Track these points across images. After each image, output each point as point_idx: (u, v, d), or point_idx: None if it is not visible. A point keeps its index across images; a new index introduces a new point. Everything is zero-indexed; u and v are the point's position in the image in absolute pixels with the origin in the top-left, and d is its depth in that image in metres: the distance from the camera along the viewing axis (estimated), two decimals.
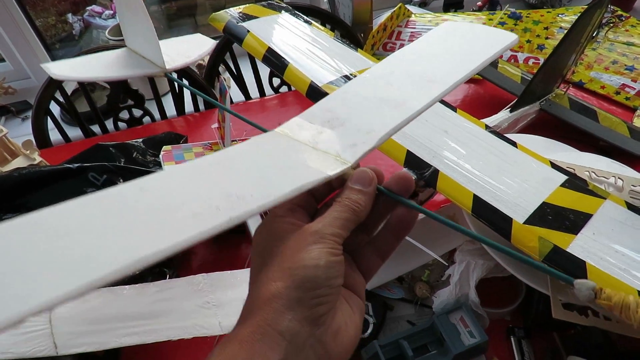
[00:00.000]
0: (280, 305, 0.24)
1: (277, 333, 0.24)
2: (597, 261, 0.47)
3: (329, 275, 0.25)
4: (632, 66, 0.94)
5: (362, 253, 0.32)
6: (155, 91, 1.08)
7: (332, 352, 0.26)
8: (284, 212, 0.29)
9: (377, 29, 1.08)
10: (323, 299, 0.25)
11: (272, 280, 0.26)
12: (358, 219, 0.28)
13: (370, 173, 0.30)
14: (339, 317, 0.27)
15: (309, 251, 0.25)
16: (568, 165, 0.65)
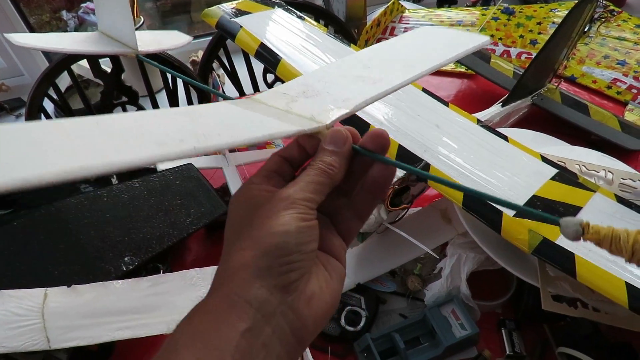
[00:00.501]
0: (248, 274, 0.24)
1: (244, 302, 0.24)
2: (585, 253, 0.47)
3: (299, 241, 0.25)
4: (623, 61, 0.94)
5: (341, 216, 0.31)
6: (149, 88, 1.08)
7: (306, 318, 0.25)
8: (259, 179, 0.29)
9: (371, 25, 1.08)
10: (294, 265, 0.25)
11: (241, 249, 0.25)
12: (333, 182, 0.27)
13: (345, 132, 0.28)
14: (313, 283, 0.26)
15: (279, 217, 0.25)
16: (559, 158, 0.65)
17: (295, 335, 0.25)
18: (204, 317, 0.24)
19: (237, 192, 0.29)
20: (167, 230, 0.64)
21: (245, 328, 0.23)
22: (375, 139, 0.28)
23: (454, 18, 1.14)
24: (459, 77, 1.01)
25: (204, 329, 0.23)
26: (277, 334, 0.24)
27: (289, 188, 0.26)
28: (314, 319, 0.26)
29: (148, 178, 0.69)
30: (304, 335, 0.25)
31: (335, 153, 0.28)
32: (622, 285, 0.45)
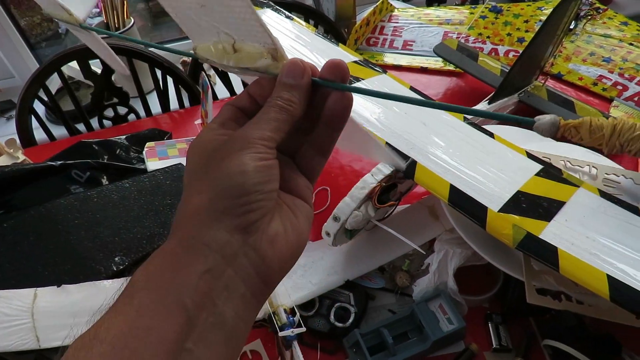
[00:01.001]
0: (205, 217, 0.24)
1: (202, 244, 0.23)
2: (568, 247, 0.48)
3: (257, 181, 0.24)
4: (609, 58, 0.95)
5: (302, 154, 0.30)
6: (140, 89, 1.08)
7: (270, 259, 0.25)
8: (216, 125, 0.28)
9: (360, 24, 1.08)
10: (253, 206, 0.24)
11: (198, 192, 0.24)
12: (292, 118, 0.26)
13: (302, 63, 0.27)
14: (276, 223, 0.26)
15: (235, 158, 0.24)
16: (544, 154, 0.66)
17: (260, 275, 0.25)
18: (161, 260, 0.23)
19: (194, 139, 0.28)
20: (157, 230, 0.65)
21: (204, 270, 0.23)
22: (334, 69, 0.27)
23: (442, 17, 1.15)
24: (447, 75, 1.02)
25: (161, 272, 0.23)
26: (240, 275, 0.24)
27: (246, 128, 0.26)
28: (279, 259, 0.25)
29: (138, 178, 0.70)
30: (270, 275, 0.25)
31: (293, 87, 0.27)
32: (604, 278, 0.46)
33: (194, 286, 0.22)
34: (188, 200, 0.25)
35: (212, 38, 0.29)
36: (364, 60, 0.76)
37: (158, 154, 0.75)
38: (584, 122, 0.22)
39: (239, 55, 0.28)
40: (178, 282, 0.22)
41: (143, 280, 0.23)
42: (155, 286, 0.22)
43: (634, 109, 0.87)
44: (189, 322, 0.22)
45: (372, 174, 0.58)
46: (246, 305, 0.24)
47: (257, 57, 0.27)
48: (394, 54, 1.09)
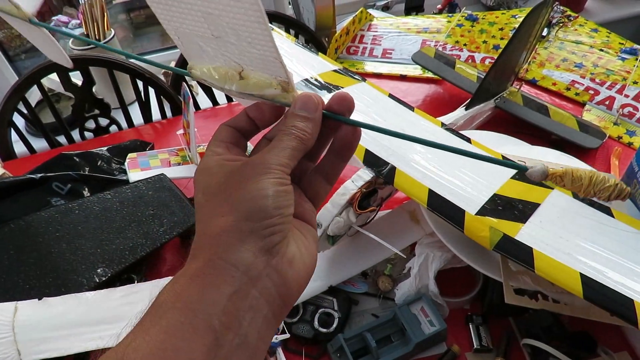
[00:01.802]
0: (231, 238, 0.24)
1: (230, 265, 0.24)
2: (543, 247, 0.50)
3: (278, 205, 0.25)
4: (580, 63, 0.98)
5: (309, 180, 0.31)
6: (121, 100, 1.08)
7: (290, 280, 0.26)
8: (221, 150, 0.29)
9: (340, 33, 1.10)
10: (275, 228, 0.25)
11: (220, 215, 0.25)
12: (306, 147, 0.28)
13: (316, 97, 0.28)
14: (292, 246, 0.27)
15: (256, 182, 0.25)
16: (519, 158, 0.68)
17: (281, 296, 0.25)
18: (188, 281, 0.24)
19: (202, 163, 0.29)
20: (140, 240, 0.65)
21: (232, 291, 0.23)
22: (341, 102, 0.29)
23: (420, 25, 1.17)
24: (426, 82, 1.04)
25: (189, 293, 0.23)
26: (264, 296, 0.24)
27: (264, 154, 0.27)
28: (297, 280, 0.26)
29: (120, 189, 0.70)
30: (289, 296, 0.26)
31: (307, 119, 0.28)
32: (577, 277, 0.47)
33: (222, 307, 0.23)
34: (210, 222, 0.25)
35: (216, 63, 0.29)
36: (343, 69, 0.77)
37: (140, 164, 0.75)
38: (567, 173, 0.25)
39: (245, 82, 0.28)
40: (207, 303, 0.23)
41: (171, 300, 0.23)
42: (184, 306, 0.23)
43: (605, 112, 0.90)
44: (216, 343, 0.22)
45: (352, 180, 0.59)
46: (268, 326, 0.25)
47: (264, 85, 0.28)
48: (374, 62, 1.11)
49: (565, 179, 0.26)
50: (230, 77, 0.28)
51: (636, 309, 0.44)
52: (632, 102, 0.89)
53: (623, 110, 0.88)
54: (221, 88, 0.29)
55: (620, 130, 0.86)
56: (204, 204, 0.27)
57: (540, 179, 0.26)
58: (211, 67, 0.28)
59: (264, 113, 0.30)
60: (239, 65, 0.28)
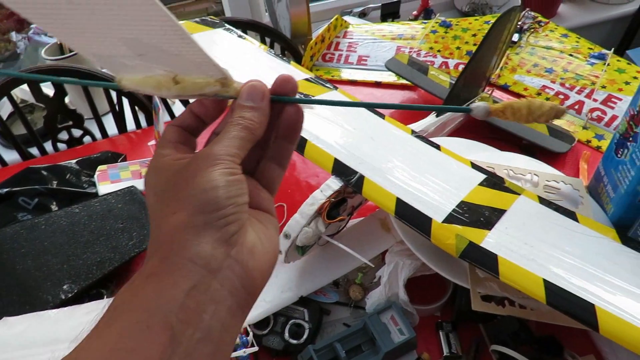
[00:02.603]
0: (186, 234, 0.24)
1: (186, 260, 0.23)
2: (507, 253, 0.50)
3: (230, 194, 0.25)
4: (551, 68, 1.00)
5: (261, 169, 0.31)
6: (95, 110, 1.07)
7: (252, 269, 0.26)
8: (168, 151, 0.28)
9: (316, 41, 1.10)
10: (230, 218, 0.25)
11: (172, 212, 0.25)
12: (254, 136, 0.28)
13: (261, 86, 0.28)
14: (252, 235, 0.26)
15: (205, 175, 0.25)
16: (489, 164, 0.68)
17: (244, 286, 0.25)
18: (143, 281, 0.23)
19: (150, 165, 0.28)
20: (108, 255, 0.64)
21: (191, 286, 0.23)
22: (284, 84, 0.29)
23: (395, 32, 1.18)
24: (400, 89, 1.04)
25: (145, 293, 0.23)
26: (226, 287, 0.24)
27: (212, 146, 0.26)
28: (260, 269, 0.26)
29: (89, 203, 0.69)
30: (253, 286, 0.26)
31: (254, 108, 0.28)
32: (541, 282, 0.47)
33: (179, 303, 0.22)
34: (163, 222, 0.25)
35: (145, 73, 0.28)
36: (315, 77, 0.77)
37: (110, 177, 0.74)
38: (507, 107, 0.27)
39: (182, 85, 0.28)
40: (163, 301, 0.22)
41: (126, 302, 0.23)
42: (139, 307, 0.22)
43: (574, 116, 0.92)
44: (173, 340, 0.22)
45: (321, 190, 0.59)
46: (232, 317, 0.25)
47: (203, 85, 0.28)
48: (350, 69, 1.11)
49: (506, 112, 0.28)
50: (165, 83, 0.27)
51: (597, 313, 0.45)
52: (601, 106, 0.91)
53: (592, 114, 0.90)
54: (159, 95, 0.29)
55: (589, 134, 0.88)
56: (155, 205, 0.27)
57: (485, 116, 0.28)
58: (142, 77, 0.28)
59: (207, 108, 0.30)
60: (170, 72, 0.27)
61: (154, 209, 0.27)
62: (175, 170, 0.27)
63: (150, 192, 0.27)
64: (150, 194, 0.27)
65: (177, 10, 1.76)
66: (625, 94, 0.91)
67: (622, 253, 0.55)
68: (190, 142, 0.30)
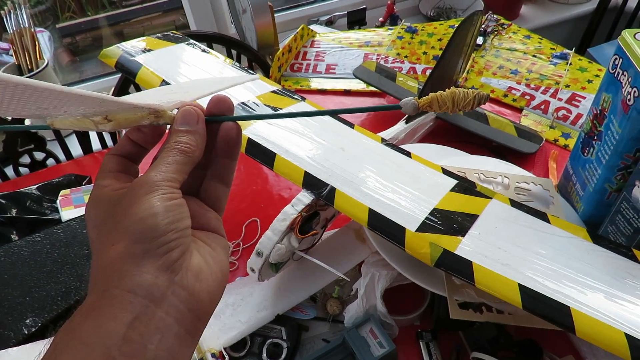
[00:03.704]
0: (125, 264, 0.23)
1: (126, 292, 0.23)
2: (481, 259, 0.50)
3: (170, 220, 0.25)
4: (516, 70, 1.01)
5: (205, 188, 0.31)
6: (57, 132, 1.03)
7: (199, 293, 0.25)
8: (108, 182, 0.28)
9: (282, 51, 1.09)
10: (172, 244, 0.24)
11: (111, 244, 0.24)
12: (192, 159, 0.28)
13: (195, 109, 0.29)
14: (196, 258, 0.26)
15: (143, 202, 0.24)
16: (459, 169, 0.68)
17: (192, 311, 0.25)
18: (84, 317, 0.23)
19: (90, 198, 0.28)
20: (73, 284, 0.61)
21: (132, 318, 0.22)
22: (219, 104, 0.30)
23: (362, 39, 1.18)
24: (370, 96, 1.04)
25: (85, 329, 0.22)
26: (171, 314, 0.24)
27: (148, 173, 0.26)
28: (208, 292, 0.26)
29: (51, 230, 0.66)
30: (202, 309, 0.25)
31: (189, 132, 0.28)
32: (516, 287, 0.47)
33: (121, 336, 0.22)
34: (101, 254, 0.25)
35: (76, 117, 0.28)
36: (282, 89, 0.76)
37: (73, 201, 0.71)
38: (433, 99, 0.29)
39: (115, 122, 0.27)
40: (103, 335, 0.22)
41: (66, 339, 0.22)
42: (79, 343, 0.22)
43: (541, 116, 0.93)
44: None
45: (292, 205, 0.58)
46: (181, 344, 0.24)
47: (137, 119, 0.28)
48: (318, 79, 1.11)
49: (433, 106, 0.29)
50: (98, 122, 0.27)
51: (572, 315, 0.45)
52: (566, 105, 0.92)
53: (558, 113, 0.91)
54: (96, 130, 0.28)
55: (556, 133, 0.89)
56: (95, 238, 0.27)
57: (414, 111, 0.29)
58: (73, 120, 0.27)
59: (145, 134, 0.29)
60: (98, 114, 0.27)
61: (95, 242, 0.26)
62: (114, 201, 0.26)
63: (91, 225, 0.27)
64: (90, 227, 0.27)
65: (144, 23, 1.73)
66: (588, 92, 0.93)
67: (593, 252, 0.55)
68: (131, 170, 0.30)
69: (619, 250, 0.55)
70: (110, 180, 0.28)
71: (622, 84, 0.57)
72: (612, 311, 0.46)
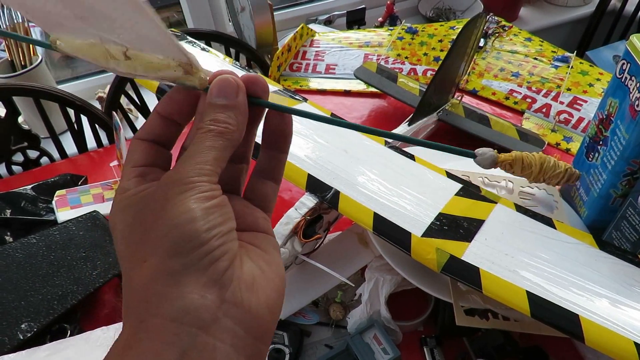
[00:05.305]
0: (162, 285, 0.19)
1: (168, 321, 0.19)
2: (489, 266, 0.49)
3: (212, 224, 0.20)
4: (517, 72, 1.01)
5: (251, 185, 0.27)
6: (52, 129, 1.01)
7: (256, 309, 0.21)
8: (133, 183, 0.23)
9: (282, 50, 1.08)
10: (216, 253, 0.20)
11: (142, 260, 0.20)
12: (233, 143, 0.22)
13: (234, 78, 0.23)
14: (248, 266, 0.21)
15: (177, 205, 0.20)
16: (463, 173, 0.68)
17: (251, 332, 0.20)
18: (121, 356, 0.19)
19: (113, 205, 0.23)
20: (70, 287, 0.59)
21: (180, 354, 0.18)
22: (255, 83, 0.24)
23: (362, 39, 1.17)
24: (370, 97, 1.03)
25: None
26: (227, 341, 0.19)
27: (179, 167, 0.21)
28: (267, 305, 0.21)
29: (47, 232, 0.64)
30: (262, 327, 0.21)
31: (228, 107, 0.22)
32: (524, 294, 0.47)
33: None
34: (133, 274, 0.20)
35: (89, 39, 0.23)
36: (283, 89, 0.75)
37: (70, 202, 0.70)
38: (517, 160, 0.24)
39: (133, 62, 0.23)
40: None
41: None
42: None
43: (542, 119, 0.93)
44: None
45: (295, 208, 0.57)
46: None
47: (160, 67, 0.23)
48: (318, 79, 1.10)
49: (515, 166, 0.25)
50: (113, 55, 0.22)
51: (581, 323, 0.44)
52: (567, 108, 0.92)
53: (559, 117, 0.91)
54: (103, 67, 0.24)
55: (558, 137, 0.89)
56: (124, 253, 0.22)
57: (490, 166, 0.26)
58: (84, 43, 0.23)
59: (179, 103, 0.24)
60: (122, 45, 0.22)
61: (123, 259, 0.22)
62: (140, 205, 0.22)
63: (118, 237, 0.22)
64: (118, 240, 0.22)
65: None
66: (589, 96, 0.93)
67: (599, 259, 0.55)
68: (162, 158, 0.25)
69: (625, 257, 0.55)
70: (136, 178, 0.23)
71: (629, 89, 0.56)
72: (620, 319, 0.46)
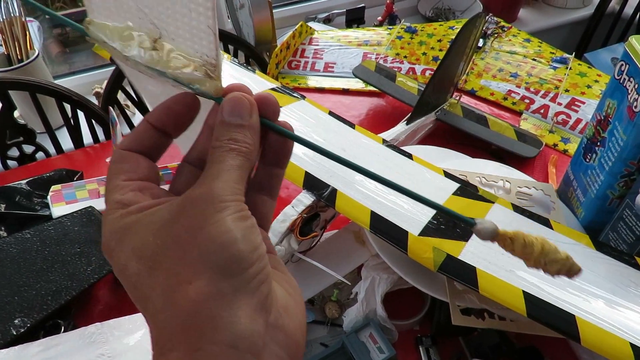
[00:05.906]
0: (215, 308, 0.18)
1: (226, 347, 0.18)
2: (486, 265, 0.49)
3: (253, 245, 0.20)
4: (515, 73, 1.01)
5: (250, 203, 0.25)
6: (48, 124, 1.01)
7: (293, 332, 0.20)
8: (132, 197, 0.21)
9: (280, 48, 1.08)
10: (261, 276, 0.19)
11: (186, 281, 0.19)
12: (251, 163, 0.22)
13: (248, 98, 0.22)
14: (279, 290, 0.21)
15: (217, 225, 0.19)
16: (460, 172, 0.68)
17: (292, 356, 0.20)
18: None
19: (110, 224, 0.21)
20: (64, 283, 0.59)
21: None
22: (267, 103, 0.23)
23: (361, 38, 1.17)
24: (369, 95, 1.03)
25: None
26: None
27: (211, 184, 0.20)
28: (301, 328, 0.21)
29: (42, 227, 0.64)
30: (298, 349, 0.21)
31: (243, 127, 0.22)
32: (520, 294, 0.47)
33: None
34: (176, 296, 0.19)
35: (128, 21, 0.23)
36: (282, 87, 0.75)
37: (65, 197, 0.69)
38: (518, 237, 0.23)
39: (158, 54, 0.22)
40: None
41: None
42: None
43: (540, 120, 0.93)
44: None
45: (292, 206, 0.56)
46: None
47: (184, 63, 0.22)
48: (316, 77, 1.09)
49: (515, 243, 0.24)
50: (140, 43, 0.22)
51: (578, 324, 0.44)
52: (565, 109, 0.92)
53: (557, 118, 0.91)
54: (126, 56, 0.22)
55: (556, 138, 0.89)
56: (145, 276, 0.20)
57: (489, 238, 0.24)
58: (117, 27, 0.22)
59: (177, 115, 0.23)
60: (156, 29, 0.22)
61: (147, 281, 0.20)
62: (161, 224, 0.20)
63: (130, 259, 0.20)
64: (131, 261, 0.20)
65: None
66: (587, 97, 0.93)
67: (596, 259, 0.55)
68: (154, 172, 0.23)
69: (622, 258, 0.55)
70: (132, 193, 0.22)
71: (627, 91, 0.56)
72: (616, 320, 0.46)
